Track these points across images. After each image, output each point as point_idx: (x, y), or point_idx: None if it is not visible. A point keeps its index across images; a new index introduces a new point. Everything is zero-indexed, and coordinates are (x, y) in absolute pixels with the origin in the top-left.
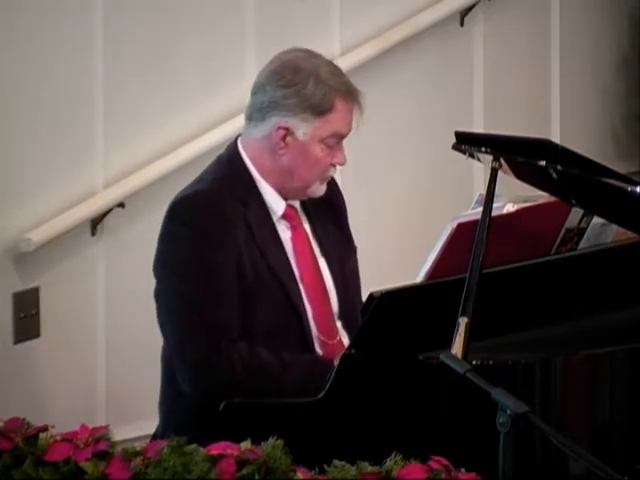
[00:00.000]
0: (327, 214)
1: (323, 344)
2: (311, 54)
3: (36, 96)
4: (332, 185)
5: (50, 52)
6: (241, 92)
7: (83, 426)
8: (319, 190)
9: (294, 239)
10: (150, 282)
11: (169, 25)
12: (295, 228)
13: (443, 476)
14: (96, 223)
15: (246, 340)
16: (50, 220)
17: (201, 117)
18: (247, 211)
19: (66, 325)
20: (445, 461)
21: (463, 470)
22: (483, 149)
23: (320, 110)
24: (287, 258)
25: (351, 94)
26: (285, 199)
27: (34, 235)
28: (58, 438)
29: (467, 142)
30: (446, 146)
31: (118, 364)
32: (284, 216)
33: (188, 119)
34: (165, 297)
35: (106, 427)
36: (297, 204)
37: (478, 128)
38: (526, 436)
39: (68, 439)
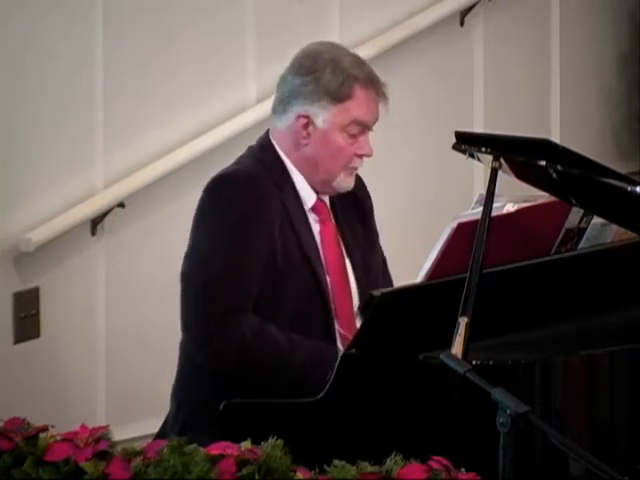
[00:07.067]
0: (354, 214)
1: (343, 338)
2: (334, 45)
3: (36, 96)
4: (359, 184)
5: (50, 52)
6: (241, 92)
7: (83, 426)
8: (346, 183)
9: (322, 232)
10: (150, 282)
11: (169, 26)
12: (324, 222)
13: (443, 476)
14: (96, 223)
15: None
16: (50, 220)
17: (201, 117)
18: (283, 195)
19: (66, 325)
20: (445, 461)
21: (463, 470)
22: (483, 149)
23: (338, 97)
24: (317, 247)
25: (372, 82)
26: (316, 192)
27: (34, 235)
28: (58, 438)
29: (467, 142)
30: (446, 146)
31: (118, 364)
32: (314, 209)
33: (188, 119)
34: (192, 266)
35: (106, 427)
36: (327, 201)
37: (478, 128)
38: (526, 436)
39: (68, 439)
